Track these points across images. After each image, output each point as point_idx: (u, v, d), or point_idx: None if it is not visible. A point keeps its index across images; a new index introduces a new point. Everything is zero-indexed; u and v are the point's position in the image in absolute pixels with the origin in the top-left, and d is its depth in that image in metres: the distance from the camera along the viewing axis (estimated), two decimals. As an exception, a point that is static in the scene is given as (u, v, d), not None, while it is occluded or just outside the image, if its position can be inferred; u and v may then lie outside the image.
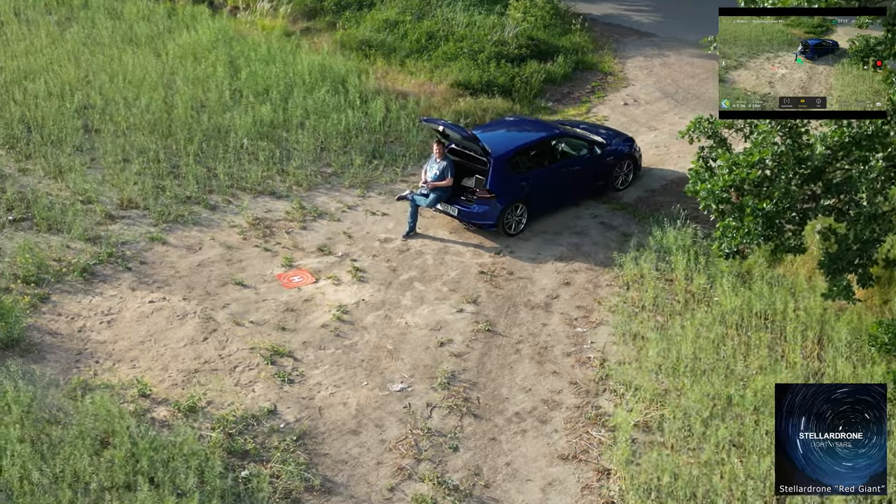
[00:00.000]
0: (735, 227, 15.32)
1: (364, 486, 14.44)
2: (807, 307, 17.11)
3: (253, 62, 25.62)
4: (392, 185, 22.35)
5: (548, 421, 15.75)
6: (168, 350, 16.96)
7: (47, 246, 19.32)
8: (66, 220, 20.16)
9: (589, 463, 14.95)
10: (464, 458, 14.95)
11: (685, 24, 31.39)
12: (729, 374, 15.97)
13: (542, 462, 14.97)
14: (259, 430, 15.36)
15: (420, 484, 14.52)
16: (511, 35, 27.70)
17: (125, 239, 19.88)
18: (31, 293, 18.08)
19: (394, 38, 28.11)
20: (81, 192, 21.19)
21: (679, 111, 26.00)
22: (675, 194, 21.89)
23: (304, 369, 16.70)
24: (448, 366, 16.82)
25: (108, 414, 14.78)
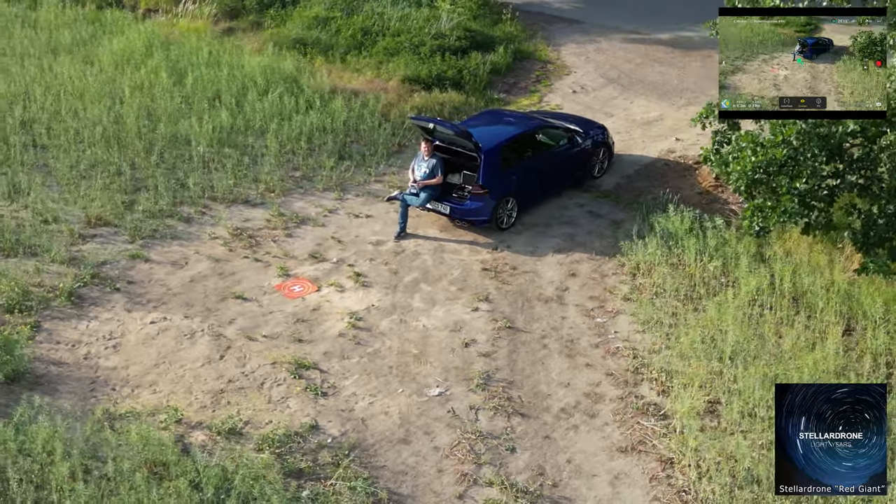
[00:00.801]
0: (771, 206, 15.38)
1: (431, 496, 14.08)
2: (831, 283, 17.28)
3: (196, 66, 24.67)
4: (366, 186, 21.91)
5: (595, 414, 15.61)
6: (186, 371, 16.22)
7: (22, 271, 18.16)
8: (38, 243, 18.97)
9: (649, 454, 14.85)
10: (523, 459, 14.70)
11: (607, 11, 31.72)
12: (774, 354, 16.01)
13: (603, 456, 14.82)
14: (306, 446, 14.83)
15: (488, 489, 14.24)
16: (448, 27, 27.38)
17: (104, 258, 18.95)
18: (19, 322, 16.92)
19: (328, 36, 27.54)
20: (43, 212, 19.93)
21: (627, 96, 26.20)
22: (652, 179, 22.05)
23: (334, 380, 16.17)
24: (479, 366, 16.51)
25: (158, 443, 13.95)
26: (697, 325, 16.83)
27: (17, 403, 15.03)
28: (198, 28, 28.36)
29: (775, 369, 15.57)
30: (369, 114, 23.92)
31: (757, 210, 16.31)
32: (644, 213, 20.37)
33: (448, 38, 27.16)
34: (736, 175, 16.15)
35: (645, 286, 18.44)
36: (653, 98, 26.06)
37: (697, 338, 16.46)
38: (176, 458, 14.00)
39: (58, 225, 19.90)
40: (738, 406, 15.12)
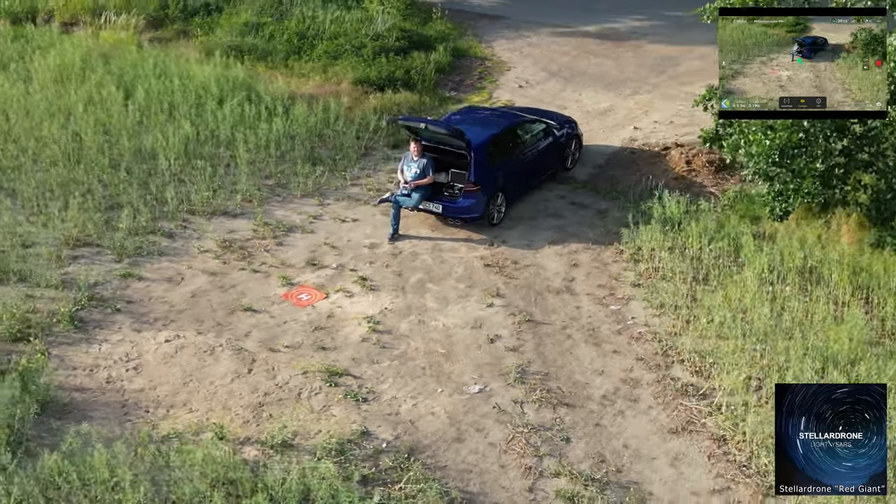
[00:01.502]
0: (794, 188, 15.91)
1: (502, 492, 14.17)
2: (841, 258, 17.94)
3: (143, 78, 24.08)
4: (345, 191, 21.85)
5: (637, 399, 15.90)
6: (218, 388, 15.93)
7: (13, 298, 17.52)
8: (21, 268, 18.31)
9: (700, 433, 15.22)
10: (581, 448, 14.91)
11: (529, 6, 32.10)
12: (803, 327, 16.56)
13: (656, 439, 15.12)
14: (363, 453, 14.70)
15: (555, 479, 14.39)
16: (384, 28, 27.38)
17: (94, 280, 18.34)
18: (29, 351, 16.35)
19: (263, 41, 27.21)
20: (14, 236, 19.20)
21: (573, 88, 26.66)
22: (623, 168, 22.53)
23: (371, 385, 16.09)
24: (511, 361, 16.65)
25: (225, 462, 13.72)
26: (721, 305, 17.15)
27: (53, 433, 14.64)
28: (124, 39, 27.52)
29: (812, 341, 16.01)
30: (332, 118, 23.62)
31: (778, 194, 16.75)
32: (634, 200, 20.68)
33: (387, 39, 27.06)
34: (758, 158, 16.52)
35: (649, 271, 18.72)
36: (598, 89, 26.54)
37: (726, 316, 16.78)
38: (248, 474, 13.79)
39: (35, 248, 19.06)
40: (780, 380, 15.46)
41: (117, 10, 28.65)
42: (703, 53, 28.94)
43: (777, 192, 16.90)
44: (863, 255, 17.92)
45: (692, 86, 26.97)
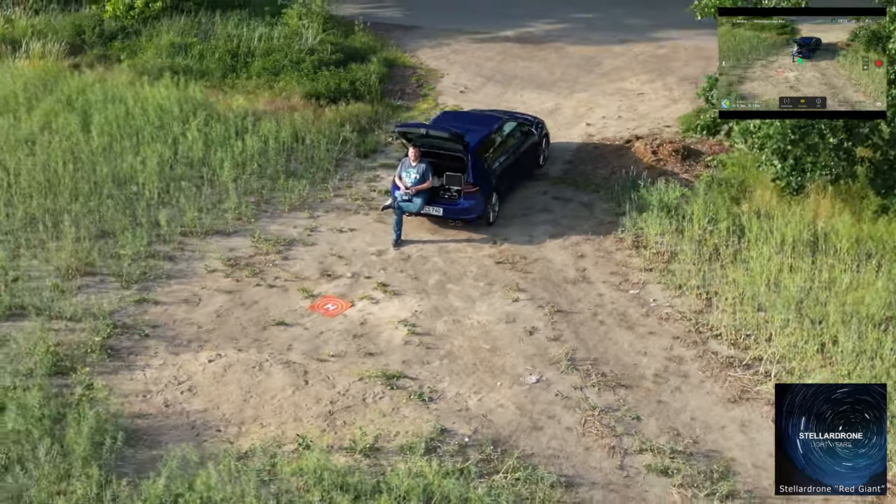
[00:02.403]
0: (812, 162, 17.08)
1: (596, 472, 14.77)
2: (851, 227, 19.24)
3: (95, 104, 23.68)
4: (331, 202, 22.04)
5: (687, 374, 16.77)
6: (282, 401, 16.07)
7: (33, 333, 17.18)
8: (29, 302, 17.97)
9: (757, 399, 16.18)
10: (653, 424, 15.65)
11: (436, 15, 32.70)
12: (829, 295, 17.74)
13: (718, 409, 16.00)
14: (448, 449, 15.08)
15: (641, 455, 15.06)
16: (315, 43, 27.64)
17: (109, 308, 18.07)
18: (70, 384, 16.15)
19: (194, 61, 27.02)
20: (8, 269, 18.77)
21: (512, 90, 27.43)
22: (593, 162, 23.48)
23: (430, 385, 16.49)
24: (555, 350, 17.28)
25: (338, 470, 14.28)
26: (745, 280, 18.14)
27: (130, 461, 14.72)
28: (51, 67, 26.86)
29: (846, 306, 17.13)
30: (299, 132, 23.71)
31: (792, 169, 17.86)
32: (618, 191, 21.53)
33: (323, 52, 27.27)
34: (775, 137, 17.55)
35: (656, 256, 19.59)
36: (537, 90, 27.38)
37: (759, 289, 17.78)
38: (368, 478, 14.18)
39: (35, 282, 18.62)
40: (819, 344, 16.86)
41: (34, 38, 27.74)
42: (618, 52, 30.21)
43: (792, 167, 17.93)
44: (864, 225, 19.10)
45: (622, 82, 28.15)
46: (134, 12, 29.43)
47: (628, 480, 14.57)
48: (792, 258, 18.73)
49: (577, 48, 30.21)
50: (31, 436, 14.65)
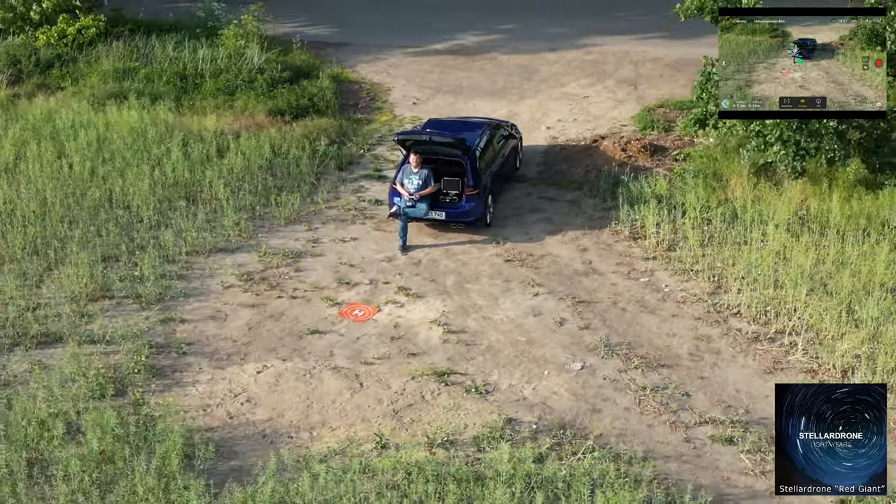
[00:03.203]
0: (815, 146, 18.42)
1: (665, 446, 15.62)
2: (844, 204, 20.65)
3: (63, 131, 23.53)
4: (325, 214, 22.37)
5: (719, 351, 17.83)
6: (344, 405, 16.51)
7: (68, 359, 17.21)
8: (54, 330, 18.01)
9: (790, 369, 17.35)
10: (702, 398, 16.64)
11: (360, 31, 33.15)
12: (840, 268, 19.06)
13: (757, 380, 17.10)
14: (520, 436, 15.75)
15: (702, 427, 16.03)
16: (261, 62, 27.98)
17: (135, 330, 18.17)
18: (126, 404, 16.31)
19: (142, 85, 27.03)
20: (16, 299, 18.68)
21: (463, 100, 28.19)
22: (566, 162, 24.47)
23: (482, 378, 17.11)
24: (590, 338, 18.13)
25: (440, 460, 14.88)
26: (753, 260, 19.31)
27: (211, 474, 14.89)
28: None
29: (859, 276, 18.67)
30: (276, 148, 23.97)
31: (795, 154, 19.10)
32: (611, 185, 22.52)
33: (273, 71, 27.57)
34: (781, 125, 18.75)
35: (654, 245, 20.63)
36: (486, 98, 28.20)
37: (768, 267, 18.98)
38: (468, 468, 14.72)
39: (50, 309, 18.54)
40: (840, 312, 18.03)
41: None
42: (552, 59, 31.27)
43: (795, 152, 19.16)
44: (853, 203, 20.53)
45: (564, 87, 29.25)
46: (67, 39, 28.95)
47: (697, 451, 15.32)
48: (793, 237, 19.73)
49: (511, 57, 31.08)
50: (120, 454, 14.76)
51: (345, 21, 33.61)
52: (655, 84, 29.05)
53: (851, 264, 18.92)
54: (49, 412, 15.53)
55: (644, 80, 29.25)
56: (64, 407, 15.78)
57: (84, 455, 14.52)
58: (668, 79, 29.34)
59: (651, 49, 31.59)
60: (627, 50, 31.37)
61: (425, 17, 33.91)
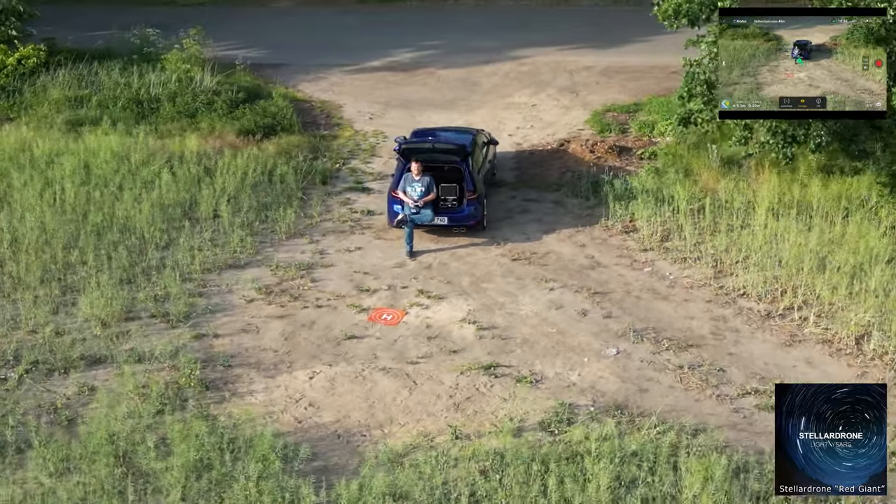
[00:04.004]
0: (805, 133, 20.01)
1: (716, 417, 16.77)
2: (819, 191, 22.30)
3: (43, 159, 23.57)
4: (322, 226, 22.86)
5: (737, 329, 19.17)
6: (406, 402, 17.14)
7: (112, 380, 17.55)
8: (93, 353, 18.26)
9: (807, 341, 18.81)
10: (737, 372, 17.92)
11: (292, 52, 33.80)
12: (838, 244, 20.63)
13: (779, 353, 18.50)
14: (581, 419, 16.78)
15: (745, 398, 17.32)
16: (213, 84, 28.42)
17: (171, 348, 18.55)
18: (189, 418, 16.75)
19: (98, 111, 27.18)
20: (43, 325, 18.86)
21: (416, 112, 28.95)
22: (539, 166, 25.63)
23: (527, 369, 18.00)
24: (615, 326, 19.22)
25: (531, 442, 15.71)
26: (751, 245, 20.75)
27: (302, 473, 15.24)
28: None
29: (856, 252, 20.26)
30: (263, 165, 24.42)
31: (787, 142, 20.60)
32: (584, 187, 23.76)
33: (229, 92, 27.98)
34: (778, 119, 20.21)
35: (648, 237, 21.92)
36: (438, 111, 29.06)
37: (766, 248, 20.45)
38: (552, 450, 15.53)
39: (81, 333, 18.75)
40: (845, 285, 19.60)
41: None
42: (488, 72, 32.41)
43: (783, 140, 20.66)
44: (832, 186, 22.19)
45: (510, 97, 30.44)
46: (7, 70, 28.64)
47: (748, 420, 16.51)
48: (784, 220, 21.21)
49: (448, 71, 32.04)
50: (218, 461, 15.18)
51: (270, 42, 33.93)
52: (594, 91, 30.27)
53: (846, 241, 20.23)
54: (133, 426, 15.85)
55: (582, 88, 30.45)
56: (142, 422, 15.96)
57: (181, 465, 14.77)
58: (604, 86, 30.62)
59: (580, 59, 32.83)
60: (558, 60, 32.59)
61: (345, 37, 34.57)
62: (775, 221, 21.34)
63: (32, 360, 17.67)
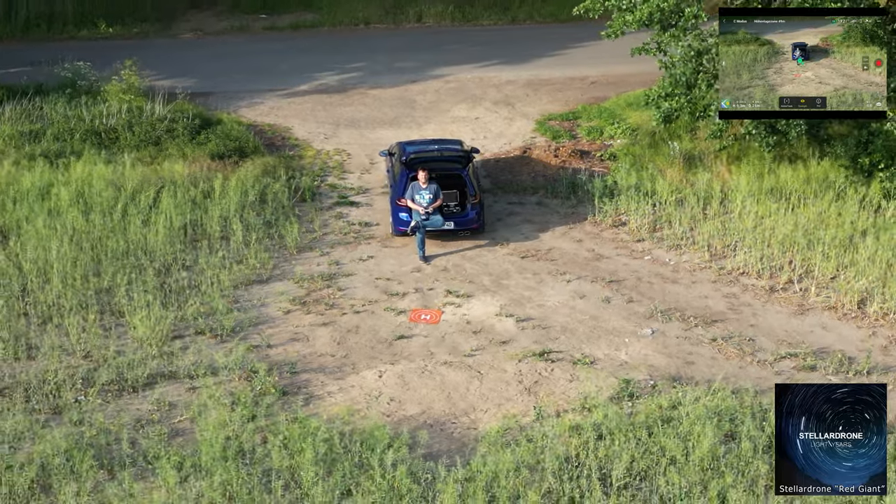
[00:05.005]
0: (785, 122, 22.23)
1: (765, 381, 18.39)
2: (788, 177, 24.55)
3: (32, 193, 23.81)
4: (325, 239, 23.69)
5: (750, 303, 21.07)
6: (479, 390, 18.27)
7: (196, 391, 18.32)
8: (156, 369, 18.88)
9: (814, 308, 20.88)
10: (765, 341, 19.73)
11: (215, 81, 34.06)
12: (816, 224, 22.89)
13: (795, 321, 20.46)
14: (645, 391, 18.45)
15: (783, 362, 19.21)
16: (166, 112, 28.98)
17: (226, 363, 19.23)
18: (287, 421, 17.57)
19: (55, 145, 27.42)
20: (101, 348, 19.38)
21: (367, 130, 29.92)
22: (508, 172, 27.03)
23: (578, 352, 19.44)
24: (640, 309, 20.85)
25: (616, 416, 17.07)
26: (740, 229, 22.78)
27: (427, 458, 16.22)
28: None
29: (847, 229, 22.50)
30: (253, 185, 25.12)
31: (770, 132, 22.72)
32: (562, 188, 25.59)
33: (185, 120, 28.54)
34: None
35: (637, 229, 23.76)
36: (388, 128, 30.06)
37: (756, 231, 22.51)
38: (651, 416, 17.00)
39: (135, 354, 19.24)
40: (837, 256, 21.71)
41: None
42: (419, 90, 33.62)
43: (768, 131, 22.76)
44: (800, 172, 24.46)
45: (450, 112, 31.73)
46: (-56, 108, 28.35)
47: (788, 379, 18.24)
48: (765, 205, 23.29)
49: (379, 91, 33.17)
50: (344, 457, 15.94)
51: (194, 72, 34.10)
52: (527, 102, 31.93)
53: (827, 219, 22.42)
54: (237, 431, 16.53)
55: (515, 100, 32.03)
56: (248, 427, 16.73)
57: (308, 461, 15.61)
58: (534, 98, 32.31)
59: (500, 74, 34.45)
60: (481, 76, 34.13)
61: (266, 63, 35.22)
62: (756, 206, 23.07)
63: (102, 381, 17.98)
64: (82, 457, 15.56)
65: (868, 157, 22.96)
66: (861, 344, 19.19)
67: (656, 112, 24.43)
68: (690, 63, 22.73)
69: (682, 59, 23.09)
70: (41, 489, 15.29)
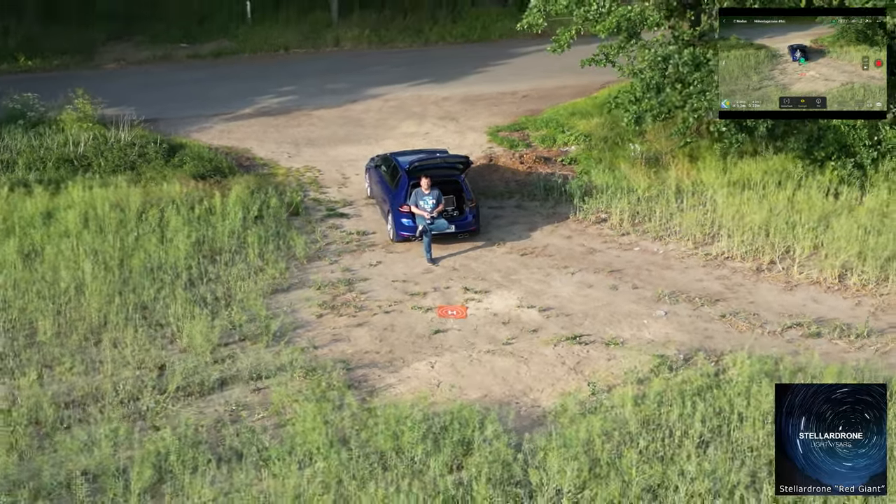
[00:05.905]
0: (753, 123, 24.56)
1: (780, 348, 20.27)
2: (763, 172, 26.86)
3: (36, 220, 24.40)
4: (328, 248, 24.76)
5: (743, 284, 23.05)
6: (530, 373, 19.62)
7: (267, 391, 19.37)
8: (217, 375, 19.61)
9: (801, 284, 23.09)
10: (769, 314, 21.66)
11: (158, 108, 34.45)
12: (790, 211, 25.22)
13: (787, 296, 22.49)
14: (681, 365, 20.37)
15: (790, 331, 21.23)
16: (132, 139, 29.74)
17: (278, 364, 20.17)
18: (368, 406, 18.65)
19: (30, 174, 27.93)
20: (147, 364, 20.05)
21: (329, 147, 31.12)
22: (480, 179, 28.45)
23: (606, 335, 21.05)
24: (647, 293, 22.61)
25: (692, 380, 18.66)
26: (721, 219, 24.97)
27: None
28: None
29: (818, 212, 24.75)
30: (252, 201, 26.11)
31: (739, 132, 24.96)
32: (540, 192, 27.34)
33: (151, 144, 29.32)
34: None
35: (620, 224, 25.76)
36: (347, 145, 31.18)
37: (734, 220, 24.71)
38: (692, 380, 18.58)
39: (190, 363, 20.07)
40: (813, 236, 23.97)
41: None
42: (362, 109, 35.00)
43: (738, 130, 25.01)
44: (760, 164, 26.81)
45: (399, 129, 33.17)
46: None
47: (799, 346, 20.30)
48: (735, 196, 25.50)
49: (324, 112, 34.36)
50: (419, 444, 16.80)
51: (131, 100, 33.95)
52: (469, 116, 33.60)
53: (795, 205, 24.72)
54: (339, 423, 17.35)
55: (457, 115, 33.68)
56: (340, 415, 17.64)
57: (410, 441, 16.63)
58: (474, 112, 34.02)
59: (435, 92, 36.09)
60: (417, 94, 35.67)
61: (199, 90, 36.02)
62: (728, 197, 25.20)
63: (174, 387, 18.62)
64: (195, 453, 16.08)
65: (822, 150, 25.23)
66: (850, 312, 21.25)
67: (625, 115, 26.19)
68: (657, 69, 24.59)
69: (649, 65, 24.90)
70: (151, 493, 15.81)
